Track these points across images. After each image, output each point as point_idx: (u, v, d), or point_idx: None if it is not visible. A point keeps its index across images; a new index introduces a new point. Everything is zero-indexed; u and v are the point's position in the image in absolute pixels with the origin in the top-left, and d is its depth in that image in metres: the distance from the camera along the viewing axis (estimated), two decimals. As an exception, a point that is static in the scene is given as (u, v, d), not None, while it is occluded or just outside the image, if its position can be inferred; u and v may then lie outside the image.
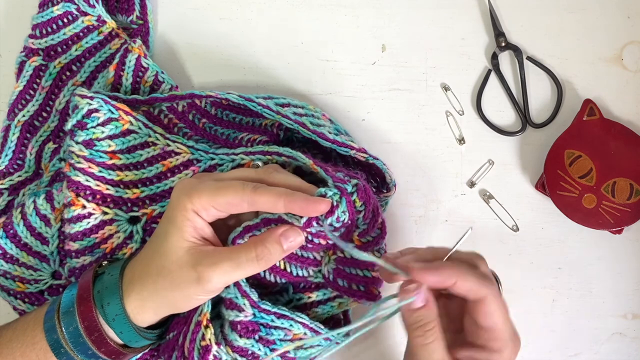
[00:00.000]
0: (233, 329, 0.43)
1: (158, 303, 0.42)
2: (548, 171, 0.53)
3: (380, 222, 0.46)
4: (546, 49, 0.56)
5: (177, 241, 0.41)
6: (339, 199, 0.41)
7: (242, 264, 0.40)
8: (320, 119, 0.53)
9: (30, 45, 0.54)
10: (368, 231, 0.46)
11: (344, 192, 0.42)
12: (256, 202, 0.40)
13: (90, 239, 0.49)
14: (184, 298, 0.41)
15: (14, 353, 0.42)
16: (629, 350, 0.54)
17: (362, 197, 0.43)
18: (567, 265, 0.55)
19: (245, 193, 0.40)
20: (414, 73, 0.56)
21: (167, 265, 0.41)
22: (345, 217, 0.42)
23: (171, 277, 0.41)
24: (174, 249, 0.41)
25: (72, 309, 0.41)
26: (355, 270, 0.47)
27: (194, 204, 0.41)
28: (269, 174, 0.43)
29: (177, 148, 0.49)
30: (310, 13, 0.57)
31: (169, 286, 0.41)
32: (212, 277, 0.40)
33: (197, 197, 0.41)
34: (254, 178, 0.43)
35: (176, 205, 0.41)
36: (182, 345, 0.44)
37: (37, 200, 0.50)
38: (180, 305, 0.42)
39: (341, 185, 0.42)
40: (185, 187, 0.42)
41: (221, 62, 0.56)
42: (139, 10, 0.55)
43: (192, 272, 0.40)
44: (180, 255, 0.41)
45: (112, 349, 0.42)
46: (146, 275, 0.42)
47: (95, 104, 0.48)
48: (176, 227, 0.41)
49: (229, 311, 0.44)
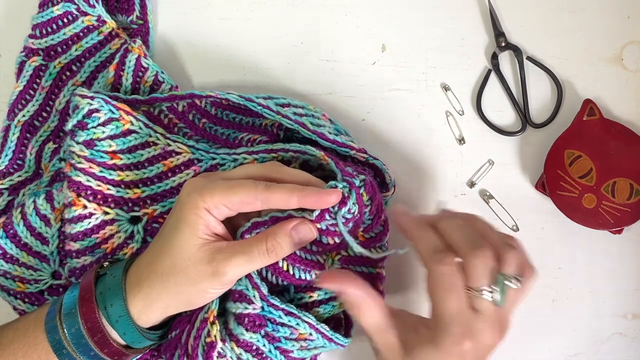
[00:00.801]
0: (240, 322, 0.43)
1: (168, 301, 0.42)
2: (548, 171, 0.53)
3: (383, 219, 0.47)
4: (546, 49, 0.56)
5: (189, 239, 0.41)
6: (349, 191, 0.42)
7: (254, 257, 0.41)
8: (320, 119, 0.53)
9: (30, 45, 0.54)
10: (372, 227, 0.46)
11: (352, 185, 0.42)
12: (269, 200, 0.41)
13: (91, 239, 0.49)
14: (199, 293, 0.42)
15: (15, 354, 0.41)
16: (629, 350, 0.54)
17: (369, 191, 0.44)
18: (567, 265, 0.55)
19: (258, 191, 0.41)
20: (414, 73, 0.56)
21: (178, 263, 0.41)
22: (355, 210, 0.43)
23: (185, 273, 0.41)
24: (186, 246, 0.41)
25: (74, 310, 0.41)
26: (360, 268, 0.47)
27: (206, 202, 0.41)
28: (276, 170, 0.43)
29: (178, 148, 0.49)
30: (310, 13, 0.57)
31: (182, 282, 0.41)
32: (227, 270, 0.41)
33: (210, 196, 0.41)
34: (262, 174, 0.43)
35: (186, 203, 0.42)
36: (185, 343, 0.44)
37: (37, 200, 0.50)
38: (194, 300, 0.42)
39: (350, 179, 0.43)
40: (197, 185, 0.42)
41: (221, 62, 0.56)
42: (139, 10, 0.55)
43: (207, 267, 0.41)
44: (193, 252, 0.41)
45: (114, 350, 0.42)
46: (154, 274, 0.42)
47: (96, 104, 0.48)
48: (188, 225, 0.41)
49: (237, 304, 0.44)
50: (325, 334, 0.45)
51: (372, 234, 0.47)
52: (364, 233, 0.47)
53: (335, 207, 0.42)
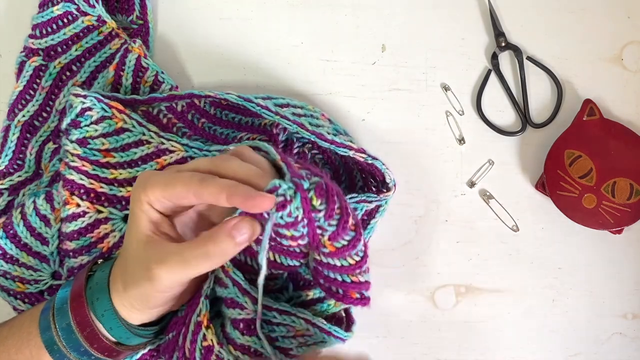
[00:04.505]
0: (235, 327, 0.43)
1: (131, 300, 0.41)
2: (548, 171, 0.53)
3: (353, 223, 0.43)
4: (546, 49, 0.56)
5: (135, 234, 0.40)
6: (293, 194, 0.40)
7: (189, 261, 0.38)
8: (319, 119, 0.53)
9: (30, 45, 0.54)
10: (339, 234, 0.42)
11: (299, 187, 0.40)
12: (201, 195, 0.39)
13: (86, 238, 0.49)
14: (146, 296, 0.40)
15: (9, 350, 0.42)
16: (629, 350, 0.54)
17: (321, 194, 0.40)
18: (567, 265, 0.55)
19: (192, 184, 0.39)
20: (414, 73, 0.56)
21: (129, 262, 0.41)
22: (298, 214, 0.40)
23: (132, 274, 0.40)
24: (133, 242, 0.40)
25: (65, 305, 0.41)
26: (333, 274, 0.44)
27: (147, 196, 0.40)
28: (225, 162, 0.41)
29: (172, 146, 0.49)
30: (310, 13, 0.57)
31: (131, 283, 0.40)
32: (160, 276, 0.38)
33: (151, 189, 0.40)
34: (207, 168, 0.41)
35: (133, 198, 0.41)
36: (182, 347, 0.44)
37: (37, 201, 0.50)
38: (152, 302, 0.41)
39: (298, 180, 0.40)
40: (141, 179, 0.41)
41: (221, 62, 0.56)
42: (139, 10, 0.55)
43: (144, 271, 0.39)
44: (137, 249, 0.40)
45: (104, 346, 0.41)
46: (119, 271, 0.42)
47: (88, 102, 0.48)
48: (133, 221, 0.41)
49: (230, 310, 0.44)
50: (323, 328, 0.44)
51: (344, 242, 0.43)
52: (332, 242, 0.43)
53: (273, 209, 0.39)
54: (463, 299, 0.54)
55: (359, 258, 0.43)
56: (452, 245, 0.55)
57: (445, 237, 0.55)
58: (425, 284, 0.54)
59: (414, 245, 0.54)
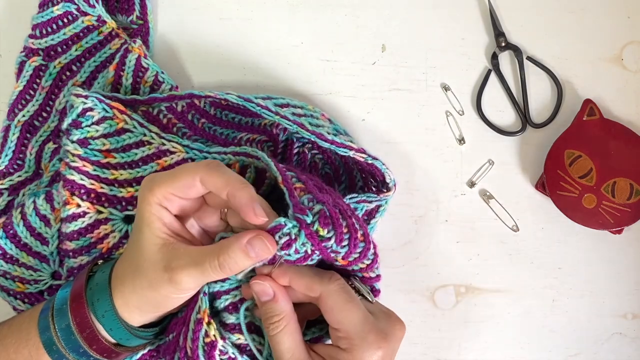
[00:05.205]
0: (229, 329, 0.44)
1: (140, 302, 0.41)
2: (548, 171, 0.53)
3: (362, 233, 0.43)
4: (546, 49, 0.56)
5: (149, 238, 0.41)
6: (297, 232, 0.40)
7: (206, 271, 0.39)
8: (319, 119, 0.53)
9: (30, 45, 0.54)
10: (351, 252, 0.43)
11: (302, 225, 0.40)
12: (207, 180, 0.40)
13: (86, 238, 0.49)
14: (163, 298, 0.41)
15: (7, 350, 0.42)
16: (629, 350, 0.54)
17: (326, 224, 0.40)
18: (567, 265, 0.55)
19: (199, 170, 0.40)
20: (414, 73, 0.56)
21: (141, 264, 0.41)
22: (306, 248, 0.41)
23: (146, 277, 0.40)
24: (147, 246, 0.41)
25: (64, 306, 0.41)
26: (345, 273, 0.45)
27: (155, 196, 0.40)
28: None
29: (172, 147, 0.49)
30: (310, 13, 0.57)
31: (146, 286, 0.40)
32: (181, 280, 0.39)
33: (157, 188, 0.40)
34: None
35: (141, 201, 0.41)
36: (183, 346, 0.44)
37: (37, 201, 0.50)
38: (162, 304, 0.42)
39: (300, 216, 0.40)
40: (146, 182, 0.41)
41: (221, 62, 0.56)
42: (139, 10, 0.55)
43: (164, 274, 0.40)
44: (153, 253, 0.40)
45: (104, 347, 0.41)
46: (127, 273, 0.42)
47: (90, 103, 0.48)
48: (145, 224, 0.41)
49: (226, 314, 0.44)
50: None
51: (355, 255, 0.43)
52: (345, 259, 0.43)
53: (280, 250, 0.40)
54: (463, 299, 0.54)
55: (369, 261, 0.44)
56: (452, 245, 0.55)
57: (445, 237, 0.55)
58: (425, 284, 0.54)
59: (414, 245, 0.55)
